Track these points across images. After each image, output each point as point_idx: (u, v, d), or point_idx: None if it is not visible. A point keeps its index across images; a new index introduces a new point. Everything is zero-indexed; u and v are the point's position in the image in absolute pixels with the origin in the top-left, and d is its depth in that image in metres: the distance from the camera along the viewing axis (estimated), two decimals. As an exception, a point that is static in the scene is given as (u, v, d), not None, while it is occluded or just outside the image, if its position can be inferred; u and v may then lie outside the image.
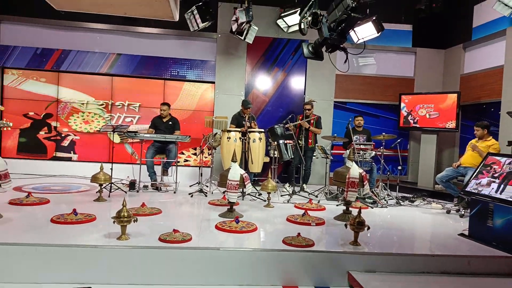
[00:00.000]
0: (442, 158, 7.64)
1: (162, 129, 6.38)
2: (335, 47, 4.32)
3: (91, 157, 7.28)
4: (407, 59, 7.93)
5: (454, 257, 3.50)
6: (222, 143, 6.29)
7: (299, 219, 4.42)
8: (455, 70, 7.55)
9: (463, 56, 7.39)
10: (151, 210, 4.50)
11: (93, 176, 4.98)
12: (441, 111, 7.01)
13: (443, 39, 7.91)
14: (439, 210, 5.59)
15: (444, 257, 3.48)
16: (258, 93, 7.58)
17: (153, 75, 7.37)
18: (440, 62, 7.89)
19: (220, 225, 3.96)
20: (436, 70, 7.89)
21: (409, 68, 7.95)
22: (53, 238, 3.33)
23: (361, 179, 4.51)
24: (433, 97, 7.18)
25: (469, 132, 6.92)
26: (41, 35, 7.12)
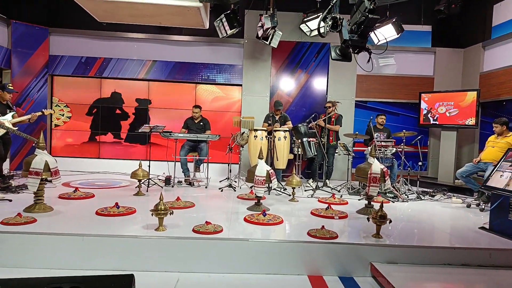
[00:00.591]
0: (461, 154, 7.37)
1: (194, 129, 6.46)
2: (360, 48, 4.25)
3: (131, 155, 7.48)
4: (427, 58, 7.68)
5: (475, 249, 3.38)
6: (249, 141, 6.31)
7: (323, 212, 4.38)
8: (474, 68, 7.25)
9: (482, 55, 7.09)
10: (185, 203, 4.57)
11: (132, 172, 5.10)
12: (461, 109, 6.76)
13: (462, 39, 7.62)
14: (459, 204, 5.40)
15: (465, 249, 3.36)
16: (282, 94, 7.54)
17: (186, 80, 7.47)
18: (459, 61, 7.60)
19: (248, 218, 3.97)
20: (455, 68, 7.61)
21: (428, 67, 7.71)
22: (98, 229, 3.42)
23: (382, 174, 4.42)
24: (452, 95, 6.93)
25: (488, 128, 6.63)
26: (85, 45, 7.35)
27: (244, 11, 7.18)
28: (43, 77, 7.19)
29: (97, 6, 4.89)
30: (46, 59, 7.21)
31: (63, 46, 7.31)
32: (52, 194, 4.78)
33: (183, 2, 4.62)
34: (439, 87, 7.50)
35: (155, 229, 3.42)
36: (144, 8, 4.86)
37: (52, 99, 7.43)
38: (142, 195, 5.11)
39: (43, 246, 3.16)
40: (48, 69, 7.24)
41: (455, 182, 6.62)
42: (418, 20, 7.35)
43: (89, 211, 4.07)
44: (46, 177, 3.97)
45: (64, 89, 7.45)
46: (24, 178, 4.04)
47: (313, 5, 6.81)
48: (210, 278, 3.10)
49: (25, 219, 3.52)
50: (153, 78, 7.44)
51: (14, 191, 4.93)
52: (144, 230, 3.42)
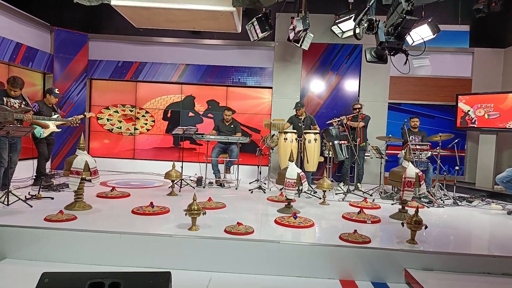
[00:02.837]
0: (501, 159, 7.03)
1: (224, 131, 6.54)
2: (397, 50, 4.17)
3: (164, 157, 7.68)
4: (464, 59, 7.40)
5: (517, 259, 3.22)
6: (279, 143, 6.31)
7: (355, 216, 4.32)
8: (516, 69, 6.92)
9: (525, 55, 6.76)
10: (217, 204, 4.63)
11: (166, 173, 5.22)
12: (501, 111, 6.45)
13: (502, 38, 7.28)
14: (499, 211, 5.16)
15: (506, 258, 3.21)
16: (313, 96, 7.50)
17: (217, 83, 7.58)
18: (499, 62, 7.26)
19: (279, 220, 3.98)
20: (495, 69, 7.27)
21: (466, 68, 7.42)
22: (134, 227, 3.54)
23: (417, 179, 4.31)
24: (492, 97, 6.63)
25: (532, 132, 6.31)
26: (122, 50, 7.62)
27: (276, 14, 7.20)
28: (82, 80, 7.52)
29: (135, 12, 5.07)
30: (85, 63, 7.55)
31: (101, 51, 7.62)
32: (91, 193, 4.97)
33: (217, 7, 4.71)
34: (478, 89, 7.20)
35: (189, 228, 3.49)
36: (180, 14, 4.98)
37: (90, 101, 7.76)
38: (175, 195, 5.22)
39: (83, 242, 3.30)
40: (87, 73, 7.57)
41: (494, 187, 6.33)
42: (455, 19, 7.10)
43: (125, 209, 4.20)
44: (86, 176, 4.14)
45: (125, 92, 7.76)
46: (65, 177, 4.24)
47: (345, 6, 6.75)
48: (241, 278, 3.14)
49: (66, 216, 3.70)
50: (185, 81, 7.59)
51: (55, 189, 5.18)
52: (178, 229, 3.50)
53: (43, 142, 5.49)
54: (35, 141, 5.46)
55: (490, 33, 7.35)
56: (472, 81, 7.33)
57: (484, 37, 7.35)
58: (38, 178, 5.43)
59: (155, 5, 4.78)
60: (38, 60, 6.81)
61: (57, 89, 5.66)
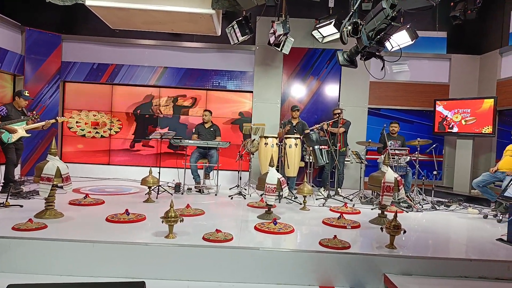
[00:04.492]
0: (478, 163, 7.27)
1: (204, 135, 6.51)
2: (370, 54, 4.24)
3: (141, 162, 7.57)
4: (442, 65, 7.63)
5: (492, 262, 3.33)
6: (259, 148, 6.33)
7: (335, 222, 4.36)
8: (491, 75, 7.17)
9: (499, 61, 7.02)
10: (195, 211, 4.59)
11: (142, 179, 5.16)
12: (478, 116, 6.68)
13: (478, 45, 7.55)
14: (475, 215, 5.31)
15: (482, 261, 3.31)
16: (293, 101, 7.56)
17: (196, 86, 7.55)
18: (475, 68, 7.53)
19: (259, 226, 3.97)
20: (472, 75, 7.53)
21: (443, 74, 7.65)
22: (108, 235, 3.46)
23: (396, 183, 4.39)
24: (469, 102, 6.85)
25: (506, 137, 6.54)
26: (97, 52, 7.49)
27: (256, 17, 7.24)
28: (55, 83, 7.34)
29: (111, 13, 4.99)
30: (59, 65, 7.37)
31: (75, 53, 7.47)
32: (63, 200, 4.84)
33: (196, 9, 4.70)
34: (455, 95, 7.44)
35: (165, 236, 3.44)
36: (158, 15, 4.94)
37: (63, 105, 7.58)
38: (152, 202, 5.15)
39: (54, 252, 3.21)
40: (60, 76, 7.39)
41: (471, 192, 6.53)
42: (433, 26, 7.33)
43: (99, 217, 4.11)
44: (57, 183, 4.03)
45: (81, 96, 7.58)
46: (35, 183, 4.11)
47: (325, 11, 6.86)
48: (220, 287, 3.11)
49: (36, 225, 3.58)
50: (164, 84, 7.53)
51: (25, 196, 5.02)
52: (154, 237, 3.45)
53: (11, 147, 5.32)
54: (3, 147, 5.28)
55: (466, 40, 7.62)
56: (450, 86, 7.57)
57: (461, 43, 7.61)
58: (6, 185, 5.24)
59: (132, 6, 4.72)
60: (8, 61, 6.60)
61: (27, 91, 5.50)
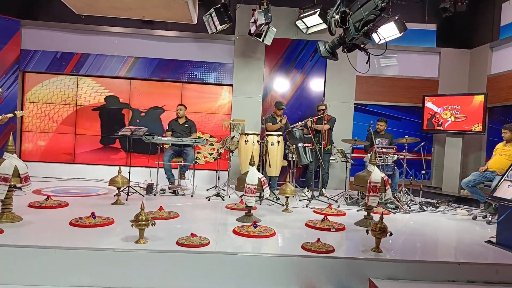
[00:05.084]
0: (468, 162, 7.48)
1: (179, 131, 6.46)
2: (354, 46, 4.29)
3: (109, 161, 7.44)
4: (431, 59, 7.80)
5: (480, 265, 3.43)
6: (239, 146, 6.32)
7: (319, 224, 4.41)
8: (481, 70, 7.38)
9: (490, 56, 7.23)
10: (169, 213, 4.56)
11: (111, 179, 5.08)
12: (467, 113, 6.86)
13: (468, 39, 7.76)
14: (464, 216, 5.47)
15: (470, 265, 3.41)
16: (276, 96, 7.59)
17: (171, 78, 7.48)
18: (465, 63, 7.73)
19: (238, 230, 3.97)
20: (462, 70, 7.73)
21: (433, 69, 7.83)
22: (72, 241, 3.40)
23: (383, 183, 4.47)
24: (458, 98, 7.04)
25: (496, 135, 6.74)
26: (61, 39, 7.31)
27: (236, 5, 7.22)
28: (13, 73, 7.13)
29: (75, -3, 4.89)
30: (18, 54, 7.16)
31: (36, 40, 7.27)
32: (22, 202, 4.71)
33: (169, -6, 4.65)
34: (444, 90, 7.61)
35: (135, 241, 3.41)
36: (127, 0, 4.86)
37: (23, 98, 7.37)
38: (121, 204, 5.09)
39: (11, 259, 3.12)
40: (19, 65, 7.18)
41: (460, 192, 6.71)
42: (422, 18, 7.48)
43: (62, 221, 4.03)
44: (15, 183, 3.93)
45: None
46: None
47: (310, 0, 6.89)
48: (195, 295, 3.09)
49: (-9, 230, 3.48)
50: (135, 76, 7.42)
51: (-21, 198, 4.85)
52: (123, 243, 3.40)
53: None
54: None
55: (457, 33, 7.81)
56: (439, 82, 7.75)
57: (451, 37, 7.80)
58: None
59: (99, -10, 4.63)
60: (-42, 49, 6.38)
61: None
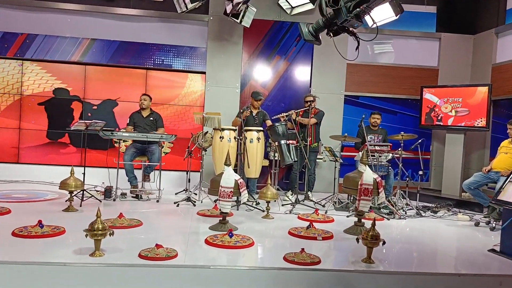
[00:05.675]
0: (470, 162, 7.65)
1: (142, 126, 6.40)
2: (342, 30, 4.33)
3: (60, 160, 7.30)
4: (430, 46, 7.95)
5: (483, 276, 3.52)
6: (213, 143, 6.30)
7: (303, 232, 4.43)
8: (485, 59, 7.56)
9: (495, 43, 7.40)
10: (130, 221, 4.52)
11: (62, 182, 4.99)
12: (470, 107, 7.01)
13: (471, 23, 7.93)
14: (466, 222, 5.60)
15: (472, 276, 3.49)
16: (256, 85, 7.59)
17: (133, 64, 7.40)
18: (468, 50, 7.90)
19: (211, 239, 3.97)
20: (464, 59, 7.90)
21: (432, 56, 7.98)
22: (15, 254, 3.34)
23: (375, 185, 4.52)
24: (460, 90, 7.18)
25: (502, 131, 6.91)
26: (3, 17, 7.12)
27: (209, -20, 7.20)
28: None
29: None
30: None
31: (-28, 18, 7.07)
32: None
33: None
34: (445, 81, 7.77)
35: (90, 254, 3.37)
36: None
37: (-44, 85, 7.15)
38: (74, 211, 5.02)
39: None
40: (-51, 47, 6.98)
41: (461, 195, 6.87)
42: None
43: (3, 231, 3.95)
44: None
45: None
46: None
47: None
48: (161, 315, 3.07)
49: None
50: (91, 61, 7.31)
51: None
52: (76, 256, 3.37)
53: None
54: None
55: (458, 16, 7.99)
56: (439, 71, 7.90)
57: (452, 21, 7.97)
58: None
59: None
60: None
61: None
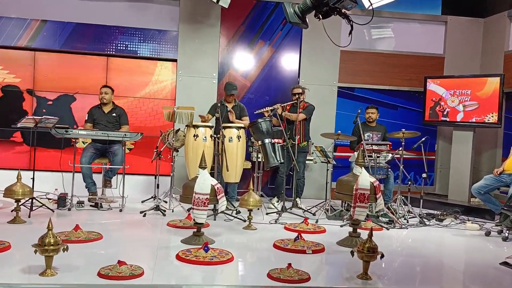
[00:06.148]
0: (480, 163, 7.76)
1: (103, 123, 6.36)
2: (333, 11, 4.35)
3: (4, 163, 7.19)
4: (435, 31, 8.05)
5: (495, 293, 3.58)
6: (187, 142, 6.27)
7: (290, 245, 4.44)
8: (497, 45, 7.67)
9: (508, 27, 7.52)
10: (88, 235, 4.48)
11: (6, 189, 4.95)
12: (480, 100, 7.10)
13: (481, 5, 8.04)
14: (475, 232, 5.69)
15: (482, 293, 3.55)
16: (236, 75, 7.58)
17: (92, 50, 7.34)
18: (477, 35, 8.01)
19: (183, 255, 3.96)
20: (473, 45, 8.01)
21: (437, 43, 8.08)
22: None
23: (373, 190, 4.56)
24: (468, 81, 7.27)
25: (515, 128, 7.07)
26: None
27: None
28: None
29: None
30: None
31: None
32: None
33: None
34: (451, 71, 7.86)
35: (41, 273, 3.32)
36: None
37: None
38: (21, 223, 4.98)
39: None
40: None
41: (470, 201, 6.97)
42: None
43: None
44: None
45: None
46: None
47: None
48: None
49: None
50: (41, 46, 7.23)
51: None
52: (24, 275, 3.34)
53: None
54: None
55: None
56: (445, 60, 8.00)
57: (460, 2, 8.06)
58: None
59: None
60: None
61: None
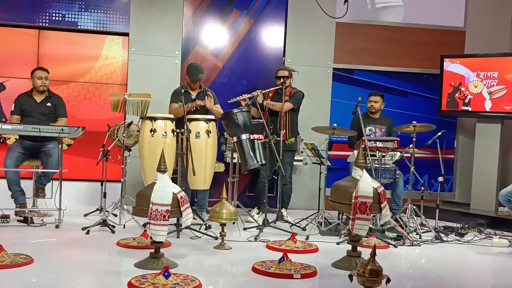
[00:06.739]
0: (509, 163, 7.84)
1: (34, 115, 6.31)
2: None
3: None
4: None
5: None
6: (141, 139, 6.23)
7: (274, 268, 4.42)
8: (530, 17, 7.77)
9: (544, -6, 7.65)
10: (15, 258, 4.41)
11: None
12: (509, 84, 7.17)
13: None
14: (504, 249, 5.75)
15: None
16: (204, 54, 7.57)
17: (19, 22, 7.30)
18: (506, 5, 8.06)
19: (138, 282, 3.93)
20: (500, 17, 8.06)
21: (456, 14, 8.15)
22: None
23: (376, 198, 4.57)
24: (495, 61, 7.33)
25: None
26: None
27: None
28: None
29: None
30: None
31: None
32: None
33: None
34: (474, 48, 7.94)
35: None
36: None
37: None
38: None
39: None
40: None
41: (498, 210, 7.04)
42: None
43: None
44: None
45: None
46: None
47: None
48: None
49: None
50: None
51: None
52: None
53: None
54: None
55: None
56: (466, 34, 8.06)
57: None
58: None
59: None
60: None
61: None
